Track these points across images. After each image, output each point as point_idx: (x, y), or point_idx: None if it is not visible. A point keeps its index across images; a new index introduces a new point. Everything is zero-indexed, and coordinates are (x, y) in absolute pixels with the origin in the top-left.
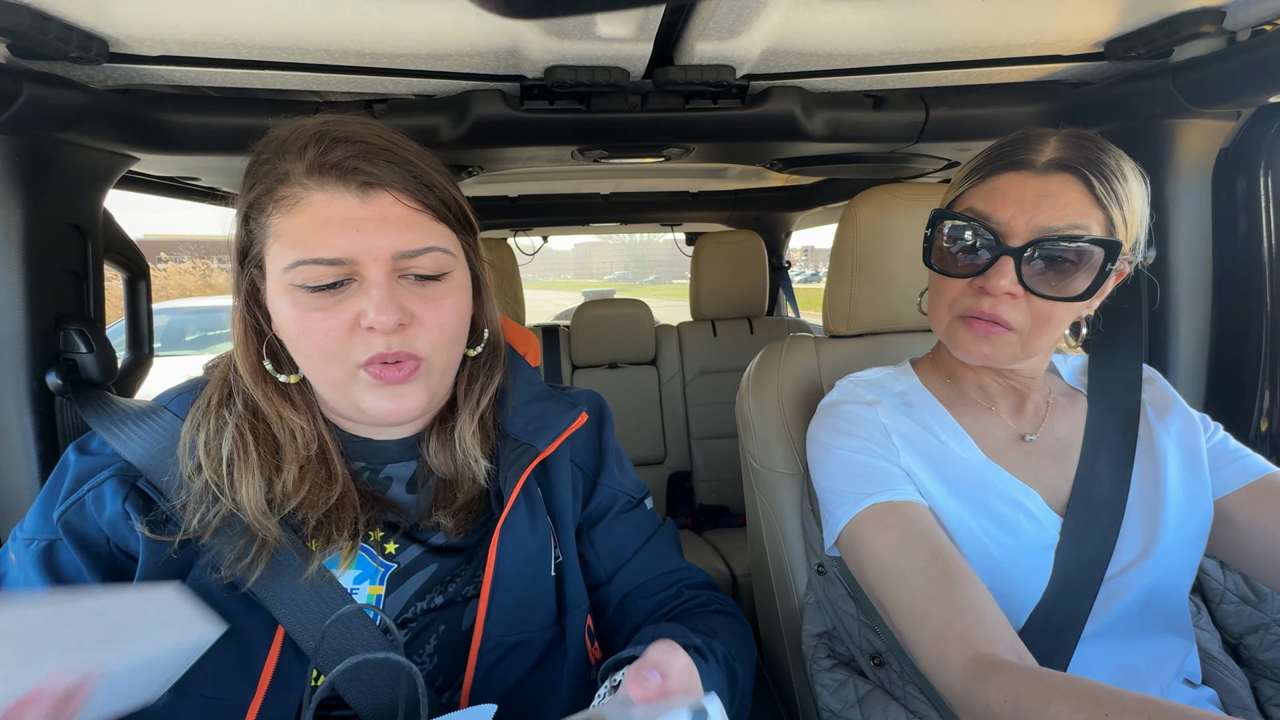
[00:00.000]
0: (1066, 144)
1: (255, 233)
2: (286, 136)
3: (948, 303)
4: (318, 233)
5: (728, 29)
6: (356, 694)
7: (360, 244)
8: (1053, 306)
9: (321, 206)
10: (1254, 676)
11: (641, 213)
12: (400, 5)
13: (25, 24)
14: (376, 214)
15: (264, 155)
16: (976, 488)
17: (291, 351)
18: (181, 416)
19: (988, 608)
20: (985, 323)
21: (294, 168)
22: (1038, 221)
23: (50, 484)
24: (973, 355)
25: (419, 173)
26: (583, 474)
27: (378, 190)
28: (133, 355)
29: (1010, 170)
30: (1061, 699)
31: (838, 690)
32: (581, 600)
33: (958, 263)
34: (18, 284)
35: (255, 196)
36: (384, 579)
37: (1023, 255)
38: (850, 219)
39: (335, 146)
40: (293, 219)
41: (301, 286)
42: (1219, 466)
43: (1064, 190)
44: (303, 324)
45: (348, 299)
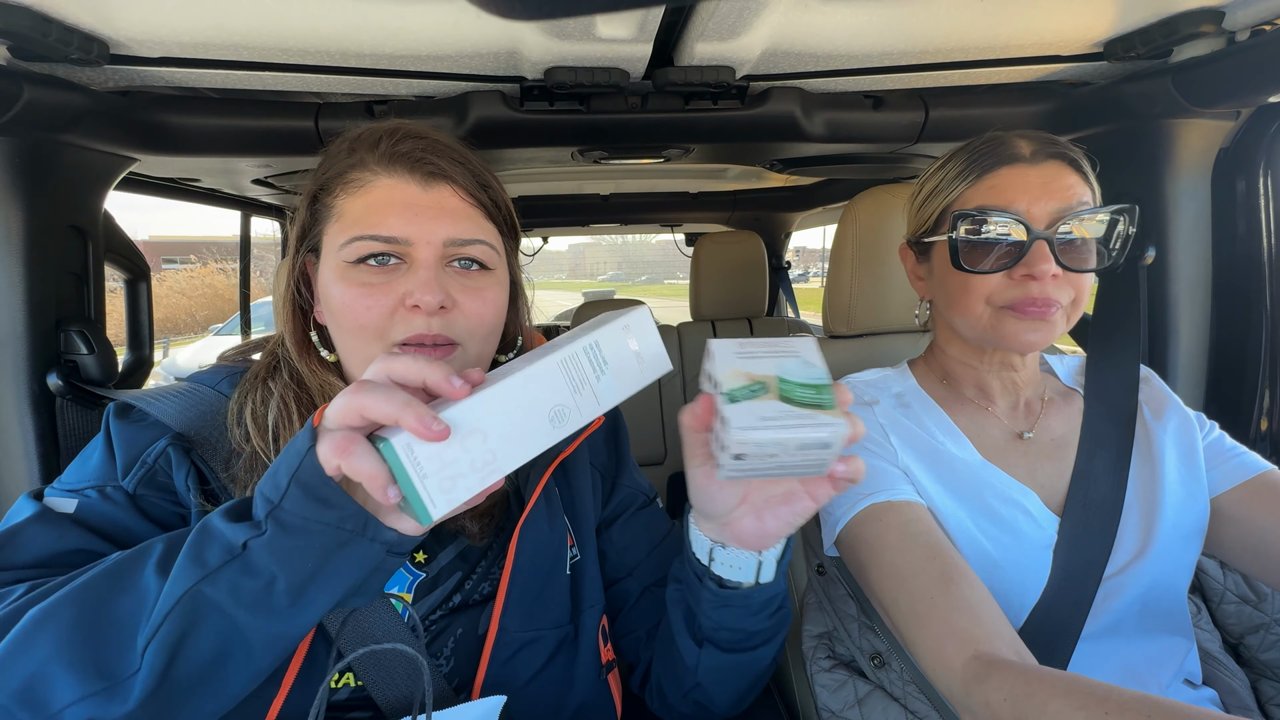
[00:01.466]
0: (1036, 138)
1: (319, 214)
2: (361, 133)
3: (984, 298)
4: (379, 213)
5: (727, 30)
6: (380, 687)
7: (416, 228)
8: (1085, 279)
9: (385, 190)
10: (1254, 677)
11: (641, 213)
12: (400, 6)
13: (26, 26)
14: (435, 202)
15: (340, 146)
16: (974, 488)
17: (334, 331)
18: (224, 393)
19: (987, 607)
20: (1040, 306)
21: (367, 156)
22: (1052, 205)
23: (106, 444)
24: (1028, 343)
25: (477, 172)
26: (601, 475)
27: (439, 181)
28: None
29: (1004, 165)
30: (1061, 697)
31: (837, 690)
32: (597, 600)
33: (989, 258)
34: (18, 285)
35: (326, 180)
36: (412, 587)
37: (1054, 237)
38: (850, 219)
39: (406, 140)
40: (357, 200)
41: (355, 262)
42: (1215, 464)
43: (1060, 174)
44: (349, 298)
45: (396, 279)
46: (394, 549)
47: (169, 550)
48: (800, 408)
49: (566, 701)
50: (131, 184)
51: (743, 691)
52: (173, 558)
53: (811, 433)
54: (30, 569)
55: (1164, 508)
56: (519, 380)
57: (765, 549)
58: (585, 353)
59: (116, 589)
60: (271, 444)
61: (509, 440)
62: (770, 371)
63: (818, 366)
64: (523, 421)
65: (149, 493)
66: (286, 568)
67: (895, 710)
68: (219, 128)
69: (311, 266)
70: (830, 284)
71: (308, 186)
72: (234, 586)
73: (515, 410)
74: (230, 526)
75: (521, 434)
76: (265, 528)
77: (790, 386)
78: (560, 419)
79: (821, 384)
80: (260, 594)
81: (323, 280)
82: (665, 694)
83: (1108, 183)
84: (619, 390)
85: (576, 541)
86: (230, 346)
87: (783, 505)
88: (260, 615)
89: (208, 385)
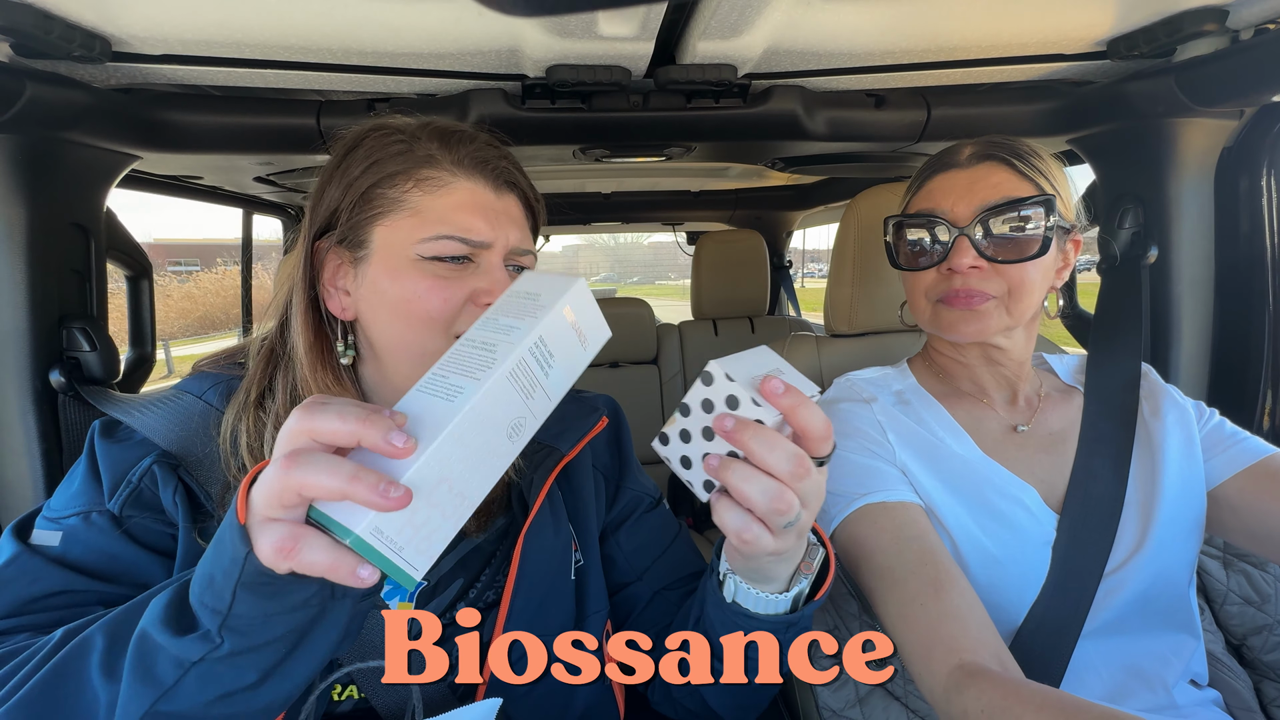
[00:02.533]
0: (983, 142)
1: (378, 205)
2: (417, 128)
3: (923, 293)
4: (465, 214)
5: (729, 28)
6: (380, 696)
7: (495, 232)
8: (1022, 270)
9: (467, 193)
10: (1257, 678)
11: (643, 212)
12: (402, 4)
13: (29, 23)
14: (505, 210)
15: (391, 138)
16: (974, 484)
17: (386, 322)
18: (212, 403)
19: (975, 615)
20: (963, 298)
21: (442, 155)
22: (976, 202)
23: (89, 466)
24: (963, 333)
25: (530, 185)
26: (605, 478)
27: (511, 190)
28: (135, 353)
29: (940, 172)
30: (1034, 711)
31: (838, 689)
32: (601, 605)
33: (920, 257)
34: (21, 282)
35: (391, 171)
36: (413, 596)
37: (973, 230)
38: (851, 218)
39: (485, 146)
40: (439, 199)
41: (435, 258)
42: (1216, 452)
43: (991, 173)
44: (421, 290)
45: (466, 276)
46: (368, 594)
47: (111, 644)
48: None
49: (570, 708)
50: (134, 181)
51: (753, 704)
52: (117, 658)
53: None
54: (6, 618)
55: (1162, 502)
56: (471, 411)
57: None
58: (532, 354)
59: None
60: None
61: (474, 475)
62: None
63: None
64: (484, 451)
65: (136, 513)
66: (253, 664)
67: (896, 709)
68: (221, 125)
69: (333, 257)
70: (831, 283)
71: (349, 174)
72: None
73: (474, 443)
74: (177, 642)
75: (484, 464)
76: (221, 640)
77: None
78: (518, 431)
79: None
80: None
81: (374, 272)
82: (671, 693)
83: (1111, 182)
84: (567, 379)
85: (580, 546)
86: (205, 356)
87: None
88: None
89: (193, 395)
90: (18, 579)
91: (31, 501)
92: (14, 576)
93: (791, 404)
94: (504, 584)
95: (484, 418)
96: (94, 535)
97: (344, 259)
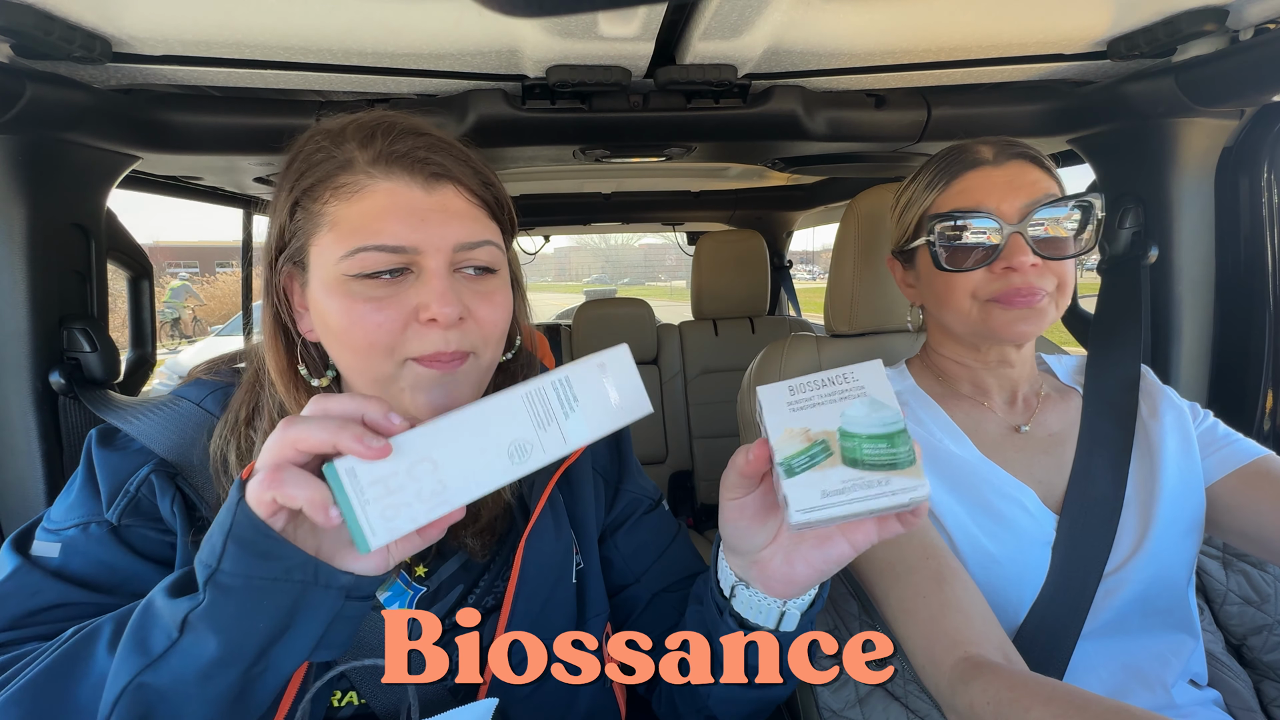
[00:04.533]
0: (996, 142)
1: (302, 224)
2: (343, 126)
3: (969, 294)
4: (381, 220)
5: (729, 28)
6: (380, 700)
7: (424, 234)
8: (1067, 265)
9: (385, 195)
10: (1257, 678)
11: (643, 212)
12: (402, 5)
13: (29, 24)
14: (440, 205)
15: (316, 144)
16: (973, 485)
17: (334, 348)
18: (210, 410)
19: (978, 608)
20: (1025, 295)
21: (357, 155)
22: (1020, 200)
23: (86, 476)
24: (1019, 333)
25: (479, 169)
26: (604, 481)
27: (443, 182)
28: (136, 354)
29: (970, 170)
30: (1042, 704)
31: (838, 689)
32: (601, 608)
33: (968, 257)
34: (21, 283)
35: (310, 184)
36: (413, 602)
37: (1028, 229)
38: (852, 218)
39: (403, 137)
40: (353, 206)
41: (357, 276)
42: (1209, 453)
43: (1024, 171)
44: (354, 315)
45: (405, 291)
46: (353, 593)
47: (119, 628)
48: (870, 471)
49: (572, 710)
50: (134, 182)
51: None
52: (122, 636)
53: (886, 501)
54: (7, 630)
55: (1161, 502)
56: (476, 409)
57: (791, 597)
58: (554, 388)
59: (72, 677)
60: None
61: (462, 472)
62: (831, 424)
63: (888, 407)
64: (478, 453)
65: (134, 522)
66: (235, 635)
67: (896, 709)
68: (221, 126)
69: (293, 280)
70: (832, 283)
71: (282, 192)
72: (180, 668)
73: (470, 440)
74: (170, 603)
75: (475, 466)
76: (204, 595)
77: (856, 444)
78: (521, 455)
79: (894, 431)
80: (210, 668)
81: (315, 295)
82: (675, 704)
83: (1111, 182)
84: (589, 430)
85: (580, 549)
86: (201, 362)
87: (816, 549)
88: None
89: (191, 401)
90: (17, 593)
91: (31, 502)
92: (13, 590)
93: None
94: (504, 589)
95: (487, 422)
96: (93, 546)
97: (299, 279)
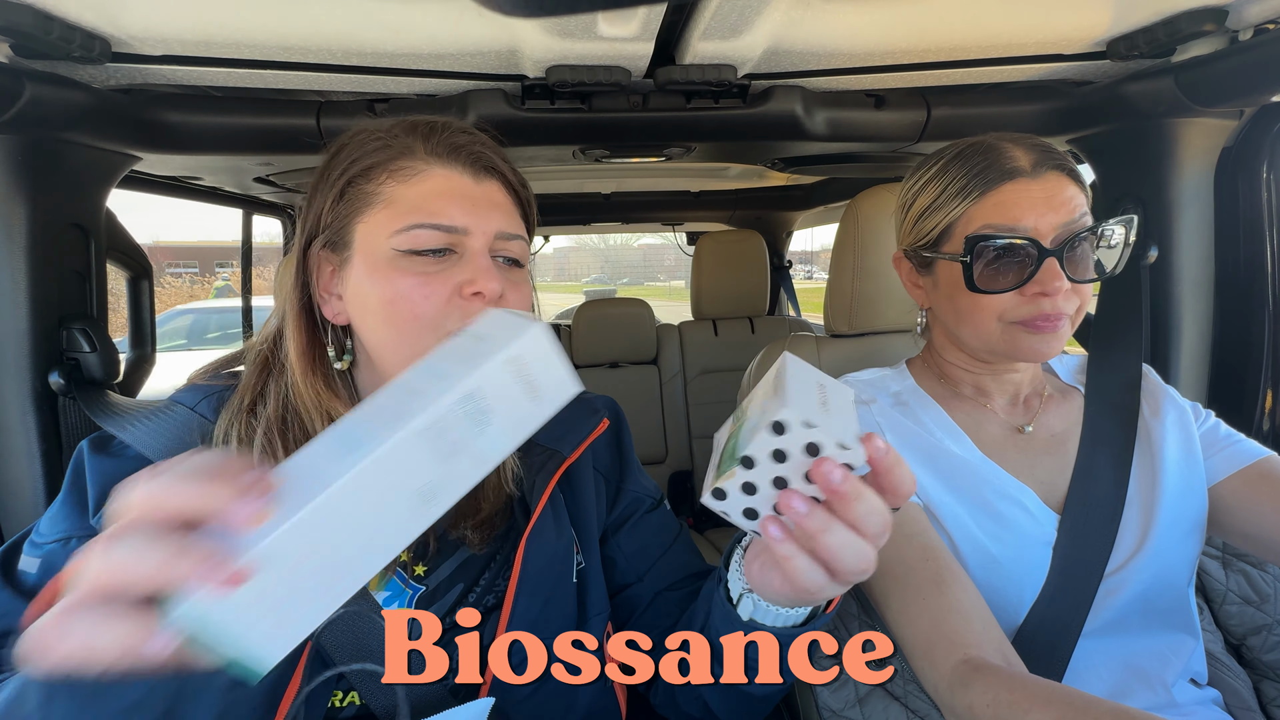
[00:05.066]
0: (1028, 145)
1: (351, 204)
2: (393, 125)
3: (996, 316)
4: (438, 201)
5: (729, 28)
6: (379, 700)
7: (474, 218)
8: (1087, 287)
9: (442, 180)
10: (1257, 678)
11: (643, 212)
12: (402, 5)
13: (28, 24)
14: (486, 195)
15: (369, 136)
16: (973, 485)
17: (374, 326)
18: (204, 415)
19: (978, 610)
20: (1051, 322)
21: (416, 145)
22: (1056, 219)
23: (70, 487)
24: (1039, 355)
25: (514, 170)
26: (605, 480)
27: (491, 175)
28: (135, 355)
29: (1007, 180)
30: (1042, 706)
31: (838, 689)
32: (603, 607)
33: (1001, 278)
34: (21, 283)
35: (366, 166)
36: (413, 601)
37: (1063, 254)
38: (851, 218)
39: (460, 133)
40: (412, 188)
41: (408, 252)
42: (1211, 453)
43: (1060, 186)
44: (401, 289)
45: (450, 269)
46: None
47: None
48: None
49: (571, 712)
50: (134, 182)
51: (756, 714)
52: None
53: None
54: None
55: (1163, 503)
56: (355, 479)
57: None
58: (460, 408)
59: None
60: None
61: (359, 550)
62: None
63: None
64: (374, 520)
65: None
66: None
67: (896, 709)
68: (221, 126)
69: (323, 264)
70: (831, 283)
71: (330, 175)
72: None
73: (358, 514)
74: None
75: (376, 534)
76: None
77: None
78: (432, 497)
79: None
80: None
81: (357, 272)
82: (675, 696)
83: (1110, 182)
84: (512, 438)
85: (581, 549)
86: (198, 368)
87: None
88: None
89: (186, 406)
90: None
91: (30, 504)
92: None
93: (890, 464)
94: (505, 588)
95: (376, 484)
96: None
97: (332, 263)
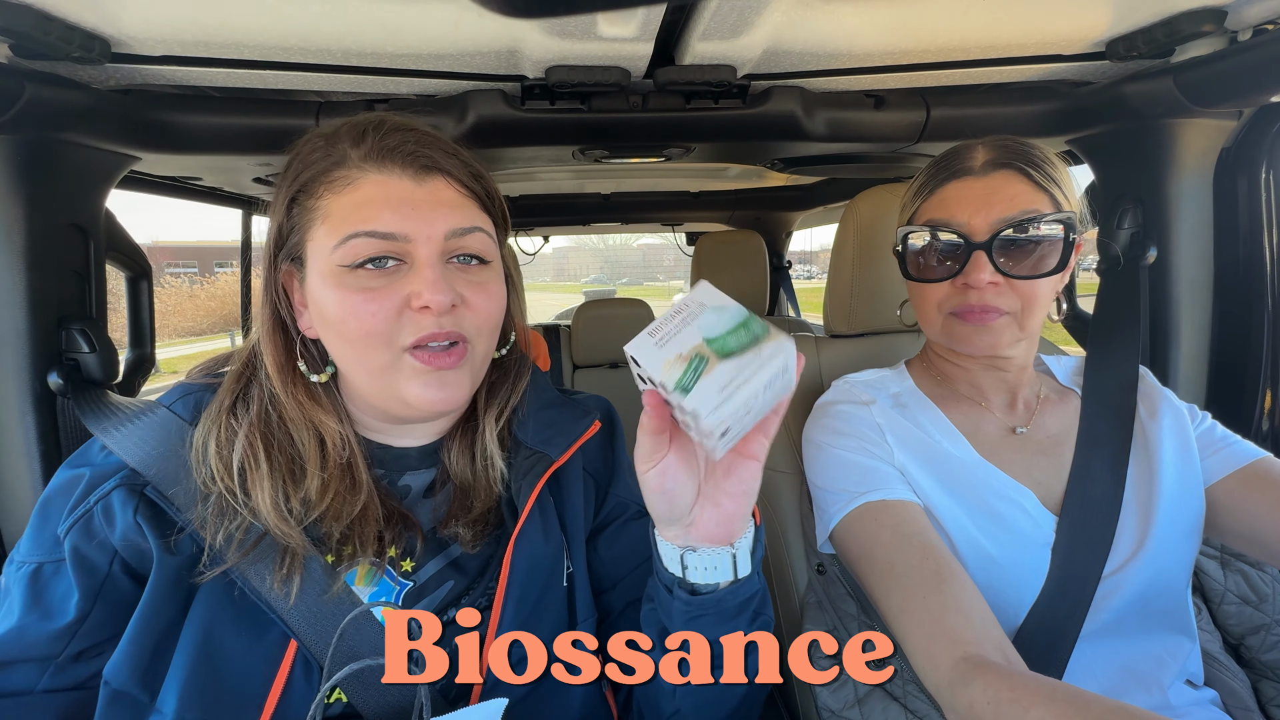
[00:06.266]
0: (995, 147)
1: (298, 219)
2: (338, 127)
3: (935, 305)
4: (371, 208)
5: (729, 29)
6: (366, 701)
7: (414, 223)
8: (1034, 285)
9: (377, 186)
10: (1255, 677)
11: (642, 212)
12: (401, 5)
13: (28, 24)
14: (430, 195)
15: (312, 145)
16: (971, 486)
17: (332, 341)
18: (180, 414)
19: (977, 608)
20: (978, 313)
21: (351, 152)
22: (993, 215)
23: (43, 505)
24: (976, 347)
25: (468, 162)
26: (595, 482)
27: (433, 174)
28: (135, 355)
29: (954, 179)
30: (1043, 704)
31: (838, 690)
32: (590, 612)
33: (934, 269)
34: (20, 284)
35: (306, 180)
36: (400, 597)
37: (991, 246)
38: (851, 218)
39: (394, 133)
40: (345, 197)
41: (351, 266)
42: (1207, 454)
43: (1007, 184)
44: (349, 306)
45: (397, 281)
46: None
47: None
48: (744, 353)
49: (565, 716)
50: (133, 182)
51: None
52: None
53: (769, 368)
54: None
55: (1160, 505)
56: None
57: (735, 539)
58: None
59: None
60: (238, 485)
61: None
62: (695, 339)
63: (728, 307)
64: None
65: (82, 539)
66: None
67: (895, 710)
68: (220, 126)
69: (292, 278)
70: (831, 283)
71: (280, 190)
72: None
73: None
74: None
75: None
76: None
77: (722, 341)
78: None
79: (744, 319)
80: None
81: (312, 289)
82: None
83: (1110, 182)
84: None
85: (570, 553)
86: (197, 364)
87: (730, 479)
88: None
89: (164, 406)
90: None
91: (30, 503)
92: None
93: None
94: (495, 591)
95: None
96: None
97: (296, 276)
